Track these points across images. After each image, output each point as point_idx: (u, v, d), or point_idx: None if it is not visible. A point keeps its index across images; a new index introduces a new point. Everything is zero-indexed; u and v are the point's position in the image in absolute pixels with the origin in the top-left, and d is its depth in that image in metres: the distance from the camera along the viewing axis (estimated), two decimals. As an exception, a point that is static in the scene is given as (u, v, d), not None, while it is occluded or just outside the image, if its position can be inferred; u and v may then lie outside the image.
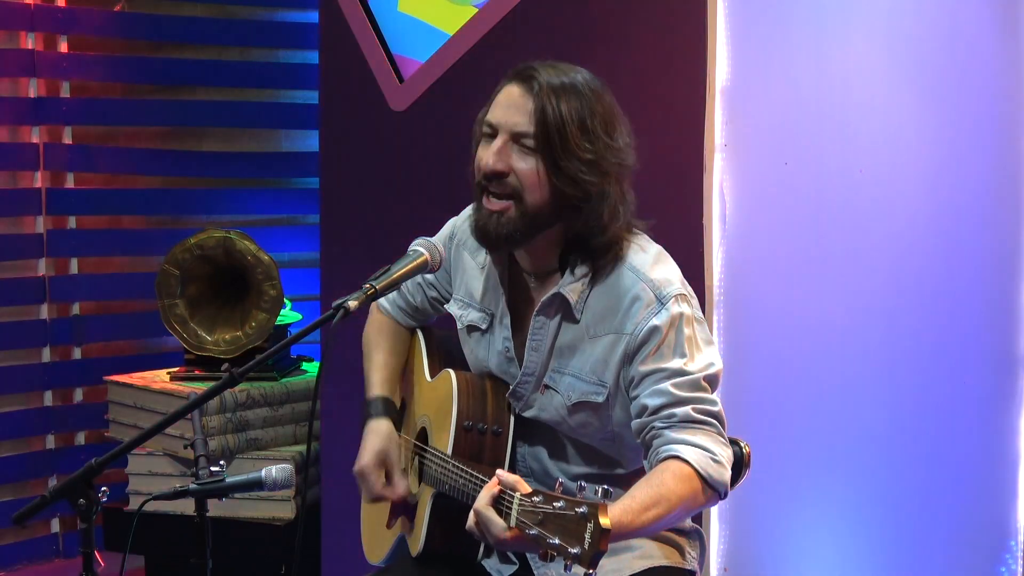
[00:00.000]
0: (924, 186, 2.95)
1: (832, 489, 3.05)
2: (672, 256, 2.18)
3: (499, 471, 1.86)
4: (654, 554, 2.19)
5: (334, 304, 1.94)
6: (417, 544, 2.23)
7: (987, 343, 2.94)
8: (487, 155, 2.06)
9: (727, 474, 2.01)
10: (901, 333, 2.98)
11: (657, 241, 2.21)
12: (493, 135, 2.08)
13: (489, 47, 3.16)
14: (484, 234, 2.11)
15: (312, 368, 4.03)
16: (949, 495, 2.96)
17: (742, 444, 2.34)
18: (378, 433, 2.32)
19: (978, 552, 2.95)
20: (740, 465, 2.33)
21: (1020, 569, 2.93)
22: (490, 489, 1.85)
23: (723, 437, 2.05)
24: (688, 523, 2.26)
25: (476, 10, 3.20)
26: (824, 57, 2.99)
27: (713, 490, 1.99)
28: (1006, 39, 2.87)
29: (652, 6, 3.04)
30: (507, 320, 2.21)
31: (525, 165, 2.05)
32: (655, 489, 1.92)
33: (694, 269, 2.98)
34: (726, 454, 2.02)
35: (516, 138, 2.05)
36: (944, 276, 2.94)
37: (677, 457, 1.97)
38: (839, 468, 3.03)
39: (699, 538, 2.30)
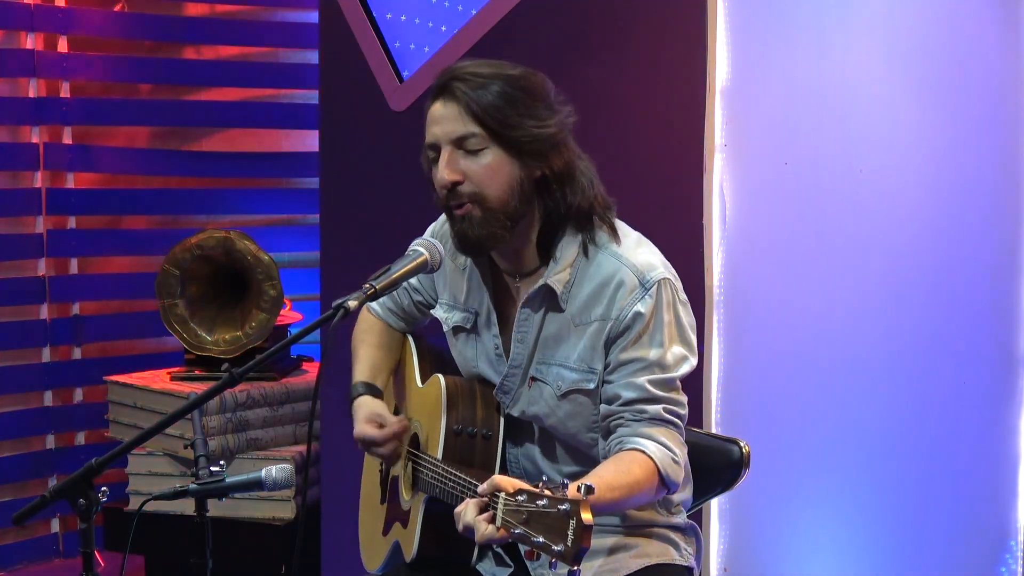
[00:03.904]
0: (924, 186, 2.95)
1: (832, 489, 3.05)
2: (672, 256, 2.19)
3: (480, 486, 1.86)
4: (651, 552, 2.19)
5: (334, 304, 1.94)
6: (411, 550, 2.23)
7: (987, 343, 2.94)
8: (438, 173, 2.09)
9: (681, 473, 2.11)
10: (901, 333, 2.98)
11: (657, 241, 2.21)
12: (437, 154, 2.10)
13: (489, 47, 3.15)
14: (465, 241, 2.12)
15: (312, 368, 4.03)
16: (949, 495, 2.96)
17: (741, 444, 2.34)
18: (361, 407, 2.34)
19: (978, 552, 2.95)
20: (740, 465, 2.33)
21: (1020, 569, 2.93)
22: (476, 502, 1.85)
23: (683, 437, 2.13)
24: (683, 520, 2.28)
25: (476, 10, 3.20)
26: (824, 57, 2.98)
27: (666, 487, 2.08)
28: (1006, 38, 2.87)
29: (652, 6, 3.04)
30: (494, 318, 2.21)
31: (476, 165, 2.07)
32: (623, 476, 1.99)
33: (694, 269, 2.98)
34: (683, 454, 2.11)
35: (458, 143, 2.08)
36: (944, 276, 2.94)
37: (643, 452, 2.04)
38: (839, 468, 3.03)
39: (695, 534, 2.30)
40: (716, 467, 2.35)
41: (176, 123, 4.48)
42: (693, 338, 2.15)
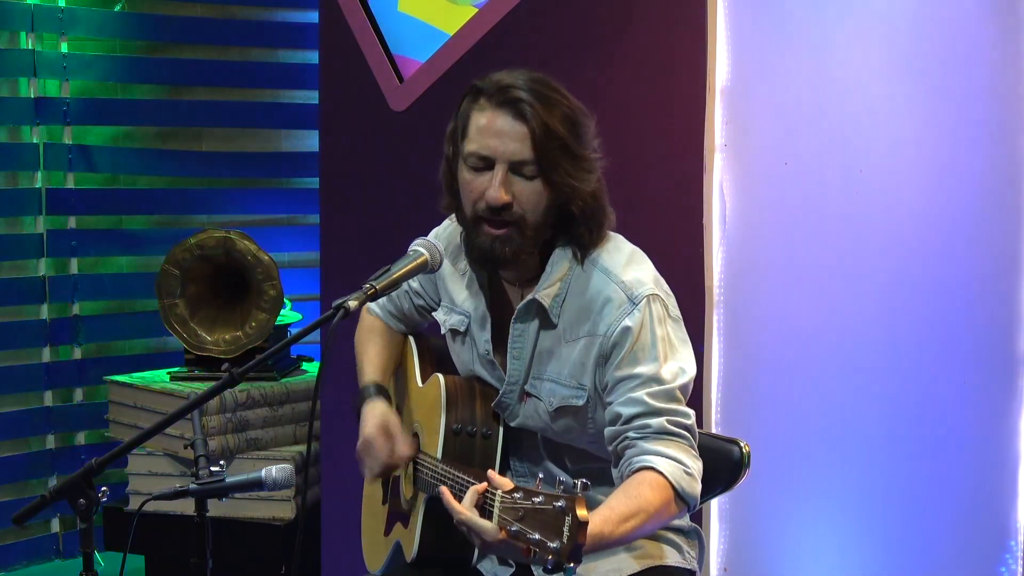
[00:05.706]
0: (924, 186, 2.95)
1: (832, 489, 3.05)
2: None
3: (473, 486, 1.86)
4: (653, 554, 2.19)
5: (334, 304, 1.94)
6: (411, 549, 2.23)
7: (987, 343, 2.94)
8: (491, 189, 2.04)
9: (698, 487, 2.03)
10: (901, 333, 2.98)
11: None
12: (487, 166, 2.06)
13: (489, 47, 3.16)
14: (489, 257, 2.09)
15: (312, 368, 4.03)
16: (949, 495, 2.96)
17: (741, 444, 2.34)
18: (375, 411, 2.30)
19: (978, 552, 2.95)
20: (740, 465, 2.33)
21: (1020, 569, 2.93)
22: (471, 497, 1.85)
23: (695, 450, 2.06)
24: (686, 522, 2.27)
25: (476, 10, 3.20)
26: (824, 57, 2.99)
27: (684, 502, 2.01)
28: (1005, 40, 2.87)
29: (652, 6, 3.04)
30: (487, 323, 2.20)
31: (527, 190, 2.05)
32: (633, 501, 1.93)
33: (694, 269, 2.98)
34: (697, 467, 2.04)
35: (515, 167, 2.04)
36: (944, 275, 2.94)
37: (652, 468, 1.99)
38: (839, 468, 3.04)
39: (697, 537, 2.30)
40: (716, 467, 2.34)
41: (176, 123, 4.48)
42: (688, 353, 2.11)
